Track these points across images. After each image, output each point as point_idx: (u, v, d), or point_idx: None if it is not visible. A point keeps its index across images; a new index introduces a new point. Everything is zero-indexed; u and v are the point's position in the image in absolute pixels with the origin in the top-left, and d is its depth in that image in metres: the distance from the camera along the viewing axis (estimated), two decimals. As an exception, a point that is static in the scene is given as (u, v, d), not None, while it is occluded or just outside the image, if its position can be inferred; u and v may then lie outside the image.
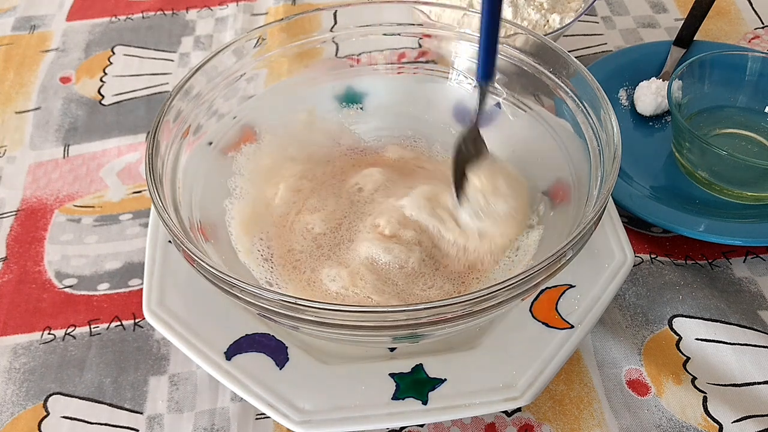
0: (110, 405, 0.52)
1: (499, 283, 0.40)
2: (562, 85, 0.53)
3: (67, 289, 0.59)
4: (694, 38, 0.76)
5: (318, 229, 0.55)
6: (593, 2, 0.70)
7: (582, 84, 0.52)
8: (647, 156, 0.67)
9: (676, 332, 0.54)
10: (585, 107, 0.51)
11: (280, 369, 0.48)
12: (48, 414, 0.51)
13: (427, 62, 0.63)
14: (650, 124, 0.70)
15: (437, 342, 0.49)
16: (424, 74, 0.62)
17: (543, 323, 0.49)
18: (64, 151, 0.71)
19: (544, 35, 0.61)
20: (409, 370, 0.48)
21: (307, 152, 0.61)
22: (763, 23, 0.83)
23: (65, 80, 0.79)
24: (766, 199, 0.61)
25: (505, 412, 0.50)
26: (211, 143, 0.56)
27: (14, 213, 0.65)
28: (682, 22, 0.76)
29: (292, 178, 0.59)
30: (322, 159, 0.61)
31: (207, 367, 0.47)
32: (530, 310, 0.50)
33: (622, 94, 0.72)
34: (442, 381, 0.47)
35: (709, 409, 0.50)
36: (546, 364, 0.47)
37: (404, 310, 0.40)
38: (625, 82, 0.73)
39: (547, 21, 0.69)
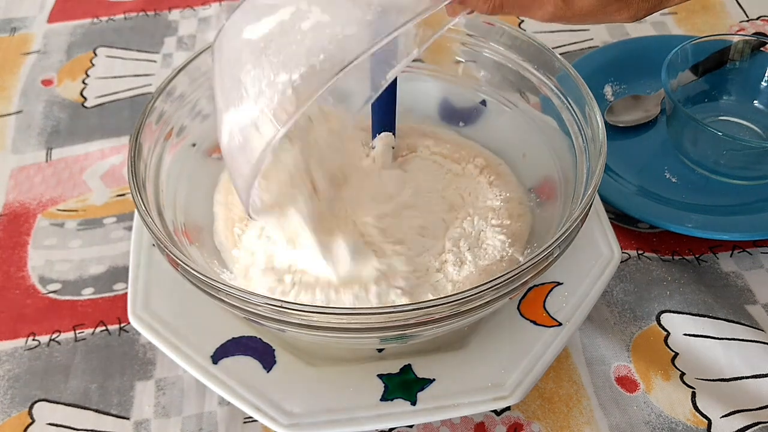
0: (96, 411, 0.51)
1: (486, 283, 0.40)
2: (548, 82, 0.53)
3: (51, 295, 0.58)
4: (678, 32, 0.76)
5: None
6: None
7: (567, 81, 0.51)
8: (633, 152, 0.67)
9: (664, 328, 0.54)
10: (570, 104, 0.51)
11: (268, 372, 0.47)
12: (33, 421, 0.51)
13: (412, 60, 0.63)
14: (636, 119, 0.70)
15: (425, 342, 0.49)
16: (409, 72, 0.62)
17: (531, 321, 0.49)
18: (47, 154, 0.70)
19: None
20: (398, 370, 0.47)
21: None
22: (747, 16, 0.83)
23: (47, 83, 0.78)
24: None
25: (494, 411, 0.50)
26: (194, 145, 0.56)
27: (-4, 218, 0.65)
28: (668, 17, 0.76)
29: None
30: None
31: (193, 372, 0.47)
32: (518, 309, 0.50)
33: (608, 90, 0.72)
34: (430, 381, 0.47)
35: (697, 404, 0.50)
36: (534, 363, 0.47)
37: (391, 312, 0.40)
38: (610, 77, 0.73)
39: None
